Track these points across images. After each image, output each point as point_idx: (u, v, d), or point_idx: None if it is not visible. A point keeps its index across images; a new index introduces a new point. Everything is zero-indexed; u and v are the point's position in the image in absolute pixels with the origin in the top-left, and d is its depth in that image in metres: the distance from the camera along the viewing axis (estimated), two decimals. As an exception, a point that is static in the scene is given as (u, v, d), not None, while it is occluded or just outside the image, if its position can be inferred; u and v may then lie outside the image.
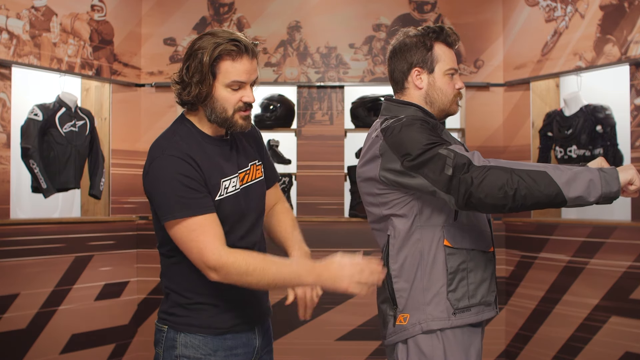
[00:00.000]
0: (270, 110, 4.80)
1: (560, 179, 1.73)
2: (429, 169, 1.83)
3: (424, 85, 2.06)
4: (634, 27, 3.93)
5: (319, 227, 4.72)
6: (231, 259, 1.72)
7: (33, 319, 4.03)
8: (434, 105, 2.07)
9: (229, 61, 1.81)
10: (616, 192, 1.74)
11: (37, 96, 4.28)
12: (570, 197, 1.73)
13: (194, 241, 1.74)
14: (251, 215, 1.91)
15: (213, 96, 1.82)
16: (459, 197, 1.79)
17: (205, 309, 1.85)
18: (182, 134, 1.86)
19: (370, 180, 2.00)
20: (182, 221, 1.75)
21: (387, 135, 1.93)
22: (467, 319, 1.95)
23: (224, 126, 1.86)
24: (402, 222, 1.96)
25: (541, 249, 4.44)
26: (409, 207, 1.96)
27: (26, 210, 4.35)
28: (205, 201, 1.77)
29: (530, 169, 1.76)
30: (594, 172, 1.74)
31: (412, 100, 2.07)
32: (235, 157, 1.91)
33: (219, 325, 1.87)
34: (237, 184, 1.88)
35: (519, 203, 1.74)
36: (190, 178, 1.76)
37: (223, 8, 4.90)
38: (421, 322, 1.93)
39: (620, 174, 1.75)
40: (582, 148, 4.19)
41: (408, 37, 2.08)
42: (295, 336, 4.69)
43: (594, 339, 4.07)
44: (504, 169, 1.76)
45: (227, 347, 1.87)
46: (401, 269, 1.96)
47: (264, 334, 1.99)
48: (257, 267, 1.72)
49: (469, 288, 1.95)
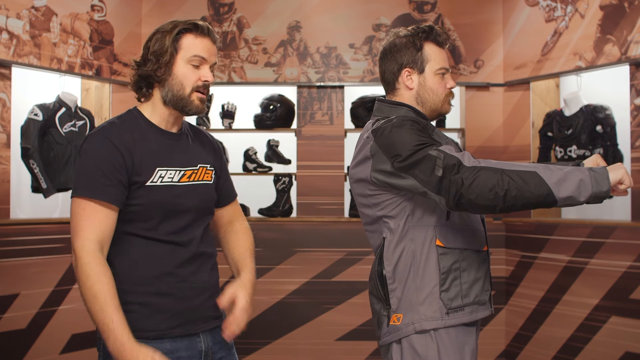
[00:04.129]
0: (270, 110, 4.80)
1: (551, 179, 1.73)
2: (419, 170, 1.83)
3: (414, 86, 2.06)
4: (634, 27, 3.93)
5: (319, 227, 4.72)
6: (86, 260, 1.69)
7: (33, 319, 4.03)
8: (426, 105, 2.07)
9: (192, 37, 1.84)
10: (606, 191, 1.74)
11: (37, 96, 4.28)
12: (560, 197, 1.73)
13: (78, 220, 1.73)
14: (189, 214, 1.86)
15: (172, 72, 1.82)
16: (449, 198, 1.79)
17: (136, 309, 1.77)
18: (125, 119, 1.86)
19: (362, 182, 2.00)
20: (80, 199, 1.74)
21: (378, 136, 1.93)
22: (461, 319, 1.95)
23: (179, 106, 1.85)
24: (395, 223, 1.96)
25: (541, 249, 4.44)
26: (401, 208, 1.96)
27: (26, 210, 4.35)
28: (110, 190, 1.74)
29: (521, 170, 1.76)
30: (584, 171, 1.74)
31: (404, 100, 2.08)
32: (182, 154, 1.90)
33: (153, 327, 1.78)
34: (176, 178, 1.85)
35: (509, 204, 1.74)
36: (109, 162, 1.75)
37: (223, 8, 4.90)
38: (414, 322, 1.93)
39: (610, 173, 1.75)
40: (582, 148, 4.19)
41: (398, 37, 2.08)
42: (295, 336, 4.69)
43: (594, 339, 4.07)
44: (494, 170, 1.76)
45: (166, 350, 1.77)
46: (395, 269, 1.96)
47: (215, 341, 1.90)
48: (94, 289, 1.67)
49: (462, 287, 1.95)
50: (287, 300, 4.71)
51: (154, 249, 1.81)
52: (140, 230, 1.80)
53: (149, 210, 1.80)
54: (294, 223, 4.78)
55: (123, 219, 1.79)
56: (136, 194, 1.79)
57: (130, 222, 1.80)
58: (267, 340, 4.70)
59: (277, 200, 4.83)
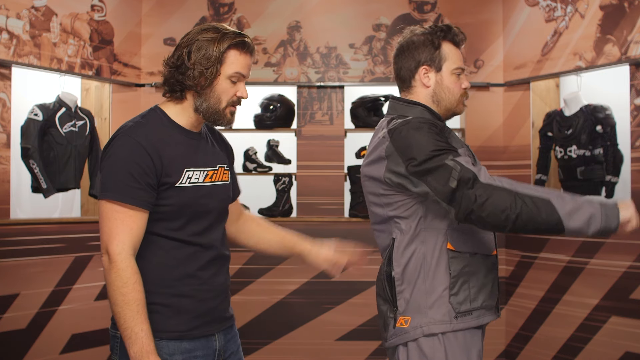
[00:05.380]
0: (270, 110, 4.80)
1: (563, 209, 1.76)
2: (433, 178, 1.82)
3: (431, 84, 2.04)
4: (634, 27, 3.93)
5: (319, 227, 4.72)
6: (123, 265, 1.71)
7: (33, 319, 4.03)
8: (441, 104, 2.05)
9: (236, 52, 1.83)
10: (614, 228, 1.78)
11: (37, 96, 4.28)
12: (569, 228, 1.76)
13: (111, 222, 1.73)
14: (212, 214, 1.88)
15: (213, 85, 1.82)
16: (459, 211, 1.79)
17: (157, 310, 1.80)
18: (150, 119, 1.85)
19: (374, 180, 1.98)
20: (112, 203, 1.74)
21: (394, 137, 1.92)
22: (469, 323, 1.94)
23: (211, 118, 1.86)
24: (406, 224, 1.95)
25: (541, 249, 4.44)
26: (414, 210, 1.94)
27: (26, 210, 4.35)
28: (140, 193, 1.74)
29: (534, 195, 1.77)
30: (595, 206, 1.77)
31: (419, 99, 2.06)
32: (205, 154, 1.91)
33: (173, 328, 1.81)
34: (201, 179, 1.86)
35: (519, 227, 1.77)
36: (139, 165, 1.74)
37: (223, 8, 4.90)
38: (423, 326, 1.92)
39: (621, 211, 1.78)
40: (582, 148, 4.19)
41: (415, 35, 2.06)
42: (295, 336, 4.70)
43: (594, 339, 4.08)
44: (509, 192, 1.77)
45: (184, 350, 1.82)
46: (404, 271, 1.95)
47: (226, 340, 1.95)
48: (129, 296, 1.70)
49: (471, 292, 1.94)
50: (287, 300, 4.71)
51: (179, 251, 1.83)
52: (165, 231, 1.81)
53: (177, 211, 1.81)
54: (294, 223, 4.78)
55: (150, 219, 1.79)
56: (165, 195, 1.79)
57: (156, 222, 1.80)
58: (267, 340, 4.70)
59: (277, 200, 4.83)
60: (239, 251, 4.95)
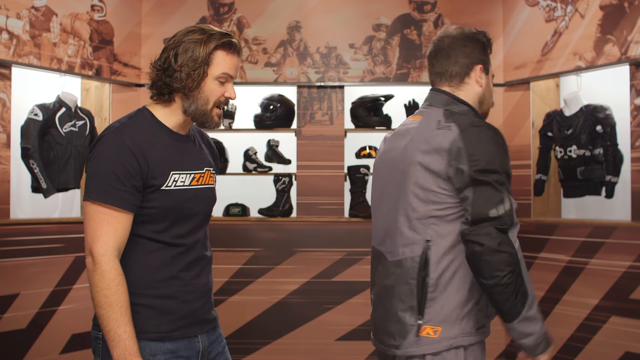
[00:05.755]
0: (270, 110, 4.80)
1: (528, 312, 1.84)
2: (484, 193, 1.80)
3: (484, 84, 2.03)
4: (634, 27, 3.93)
5: (319, 227, 4.72)
6: (107, 267, 1.71)
7: (33, 319, 4.03)
8: (483, 105, 2.05)
9: (223, 53, 1.82)
10: (537, 353, 1.88)
11: (37, 96, 4.28)
12: (515, 325, 1.85)
13: (96, 224, 1.73)
14: (197, 217, 1.88)
15: (201, 87, 1.81)
16: (469, 234, 1.80)
17: (140, 311, 1.78)
18: (137, 120, 1.83)
19: (430, 173, 1.86)
20: (97, 204, 1.73)
21: (469, 132, 1.85)
22: (485, 335, 1.94)
23: (200, 120, 1.85)
24: (447, 229, 1.86)
25: (541, 249, 4.44)
26: (459, 215, 1.86)
27: (26, 210, 4.35)
28: (125, 195, 1.73)
29: (527, 284, 1.86)
30: (546, 337, 1.88)
31: (467, 98, 2.01)
32: (192, 157, 1.90)
33: (155, 329, 1.80)
34: (188, 182, 1.85)
35: (496, 292, 1.81)
36: (124, 167, 1.73)
37: (223, 8, 4.90)
38: (454, 337, 1.86)
39: (546, 354, 1.89)
40: (582, 148, 4.19)
41: (472, 32, 2.03)
42: (295, 336, 4.69)
43: (594, 339, 4.07)
44: (517, 263, 1.82)
45: (166, 350, 1.81)
46: (439, 277, 1.86)
47: (210, 341, 1.93)
48: (112, 298, 1.70)
49: (488, 304, 1.93)
50: (287, 300, 4.71)
51: (162, 253, 1.82)
52: (149, 233, 1.81)
53: (163, 214, 1.80)
54: (294, 223, 4.78)
55: (135, 221, 1.78)
56: (150, 198, 1.78)
57: (141, 225, 1.79)
58: (267, 340, 4.70)
59: (277, 200, 4.83)
60: (239, 251, 4.96)
